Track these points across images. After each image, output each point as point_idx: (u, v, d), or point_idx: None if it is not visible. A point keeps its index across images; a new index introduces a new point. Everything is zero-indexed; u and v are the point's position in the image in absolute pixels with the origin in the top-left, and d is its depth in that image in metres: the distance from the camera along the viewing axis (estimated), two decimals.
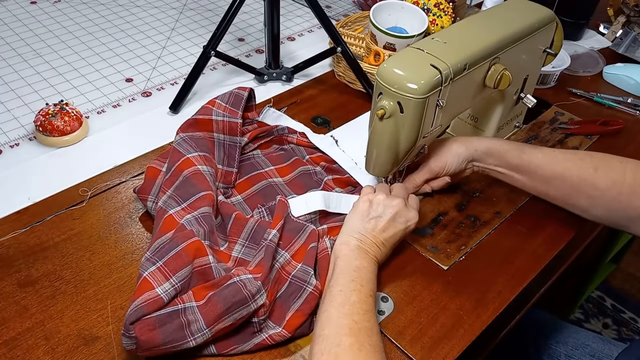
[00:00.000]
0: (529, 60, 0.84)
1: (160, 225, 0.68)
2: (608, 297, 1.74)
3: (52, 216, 0.77)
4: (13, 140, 0.91)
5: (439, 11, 1.06)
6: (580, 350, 0.92)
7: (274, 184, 0.81)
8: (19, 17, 1.23)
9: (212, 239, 0.69)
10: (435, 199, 0.83)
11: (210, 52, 0.96)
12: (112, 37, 1.19)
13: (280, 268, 0.66)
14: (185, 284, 0.61)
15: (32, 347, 0.62)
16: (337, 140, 0.88)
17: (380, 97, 0.69)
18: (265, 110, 0.92)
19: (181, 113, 0.99)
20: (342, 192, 0.81)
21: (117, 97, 1.02)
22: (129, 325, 0.56)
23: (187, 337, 0.58)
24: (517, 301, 0.66)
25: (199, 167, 0.74)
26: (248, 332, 0.62)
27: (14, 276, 0.69)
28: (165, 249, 0.63)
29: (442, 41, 0.71)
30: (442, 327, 0.66)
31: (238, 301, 0.59)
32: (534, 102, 0.86)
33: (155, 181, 0.76)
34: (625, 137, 0.98)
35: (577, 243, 0.82)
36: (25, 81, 1.04)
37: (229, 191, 0.80)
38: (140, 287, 0.60)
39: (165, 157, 0.79)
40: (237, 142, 0.81)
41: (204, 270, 0.63)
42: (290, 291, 0.65)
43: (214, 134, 0.80)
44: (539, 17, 0.80)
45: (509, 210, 0.82)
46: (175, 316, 0.58)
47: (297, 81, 1.07)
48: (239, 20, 1.28)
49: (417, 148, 0.73)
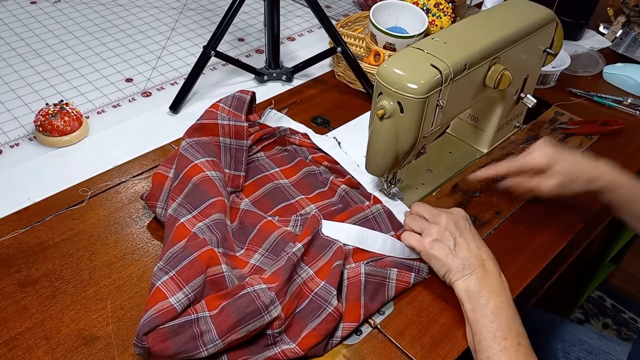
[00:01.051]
0: (529, 60, 0.84)
1: (172, 234, 0.67)
2: (608, 297, 1.74)
3: (52, 216, 0.77)
4: (13, 140, 0.91)
5: (438, 11, 1.06)
6: (577, 347, 0.92)
7: (280, 186, 0.81)
8: (19, 17, 1.23)
9: (226, 245, 0.69)
10: (436, 199, 0.83)
11: (210, 52, 0.96)
12: (112, 37, 1.19)
13: (302, 283, 0.65)
14: (198, 294, 0.61)
15: (32, 347, 0.62)
16: (340, 142, 0.88)
17: (380, 97, 0.69)
18: (266, 112, 0.92)
19: (181, 113, 0.99)
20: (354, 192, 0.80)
21: (117, 97, 1.02)
22: (142, 336, 0.56)
23: (199, 347, 0.58)
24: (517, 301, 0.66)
25: (207, 172, 0.74)
26: (261, 344, 0.61)
27: (14, 276, 0.69)
28: (178, 258, 0.63)
29: (442, 41, 0.71)
30: (442, 327, 0.66)
31: (251, 312, 0.59)
32: (534, 102, 0.86)
33: (163, 187, 0.76)
34: (625, 137, 0.98)
35: (577, 243, 0.82)
36: (25, 81, 1.04)
37: (237, 195, 0.79)
38: (154, 297, 0.59)
39: (171, 162, 0.79)
40: (244, 146, 0.81)
41: (217, 279, 0.63)
42: (310, 309, 0.64)
43: (220, 138, 0.80)
44: (539, 17, 0.80)
45: (509, 210, 0.82)
46: (188, 326, 0.58)
47: (297, 81, 1.07)
48: (239, 20, 1.28)
49: (417, 148, 0.73)
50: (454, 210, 0.72)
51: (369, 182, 0.82)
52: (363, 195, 0.80)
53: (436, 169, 0.88)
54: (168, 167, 0.78)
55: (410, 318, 0.67)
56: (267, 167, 0.84)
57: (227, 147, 0.80)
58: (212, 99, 0.96)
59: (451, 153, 0.92)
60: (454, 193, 0.84)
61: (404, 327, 0.66)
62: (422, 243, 0.69)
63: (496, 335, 0.60)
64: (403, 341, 0.65)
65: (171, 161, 0.79)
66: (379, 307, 0.67)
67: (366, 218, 0.75)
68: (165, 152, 0.89)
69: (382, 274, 0.68)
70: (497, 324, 0.61)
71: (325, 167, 0.84)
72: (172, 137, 0.91)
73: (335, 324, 0.63)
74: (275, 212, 0.77)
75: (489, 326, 0.61)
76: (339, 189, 0.79)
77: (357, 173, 0.83)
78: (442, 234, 0.68)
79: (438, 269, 0.68)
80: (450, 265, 0.66)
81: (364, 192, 0.81)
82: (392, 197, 0.81)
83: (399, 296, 0.69)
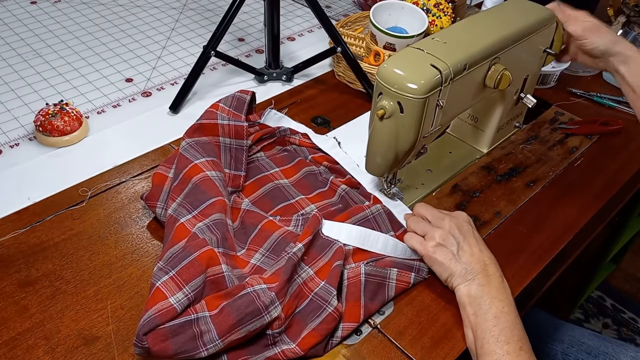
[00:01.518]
0: (529, 60, 0.84)
1: (172, 234, 0.68)
2: (608, 297, 1.74)
3: (52, 216, 0.77)
4: (13, 140, 0.91)
5: (438, 11, 1.06)
6: (576, 348, 0.92)
7: (280, 186, 0.81)
8: (19, 17, 1.23)
9: (226, 245, 0.69)
10: (436, 199, 0.83)
11: (210, 52, 0.96)
12: (112, 37, 1.19)
13: (302, 283, 0.65)
14: (198, 294, 0.61)
15: (32, 347, 0.62)
16: (340, 142, 0.88)
17: (380, 97, 0.69)
18: (266, 112, 0.92)
19: (181, 113, 0.99)
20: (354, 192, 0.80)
21: (117, 97, 1.02)
22: (142, 336, 0.56)
23: (199, 347, 0.58)
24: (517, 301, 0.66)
25: (207, 172, 0.74)
26: (261, 344, 0.61)
27: (14, 276, 0.69)
28: (178, 258, 0.63)
29: (442, 41, 0.71)
30: (442, 327, 0.66)
31: (251, 312, 0.59)
32: (534, 102, 0.86)
33: (163, 187, 0.76)
34: (625, 137, 0.98)
35: (577, 243, 0.82)
36: (25, 81, 1.04)
37: (238, 195, 0.79)
38: (153, 297, 0.59)
39: (171, 162, 0.79)
40: (244, 145, 0.81)
41: (217, 279, 0.63)
42: (310, 309, 0.64)
43: (220, 138, 0.80)
44: (539, 17, 0.80)
45: (509, 210, 0.82)
46: (187, 326, 0.58)
47: (297, 81, 1.07)
48: (239, 20, 1.28)
49: (417, 148, 0.73)
50: (457, 214, 0.72)
51: (369, 182, 0.82)
52: (363, 195, 0.80)
53: (436, 169, 0.88)
54: (168, 167, 0.78)
55: (410, 318, 0.67)
56: (267, 167, 0.84)
57: (227, 147, 0.80)
58: (212, 99, 0.96)
59: (451, 153, 0.92)
60: (454, 193, 0.84)
61: (404, 327, 0.66)
62: (425, 246, 0.69)
63: (499, 339, 0.60)
64: (403, 341, 0.65)
65: (171, 161, 0.79)
66: (379, 307, 0.67)
67: (366, 218, 0.75)
68: (165, 152, 0.89)
69: (382, 274, 0.68)
70: (500, 328, 0.61)
71: (325, 167, 0.84)
72: (172, 137, 0.91)
73: (335, 324, 0.63)
74: (275, 212, 0.77)
75: (491, 330, 0.61)
76: (339, 189, 0.79)
77: (357, 173, 0.83)
78: (445, 238, 0.68)
79: (440, 273, 0.68)
80: (453, 269, 0.66)
81: (363, 192, 0.81)
82: (392, 197, 0.81)
83: (399, 296, 0.69)
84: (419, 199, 0.83)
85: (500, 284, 0.65)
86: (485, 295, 0.63)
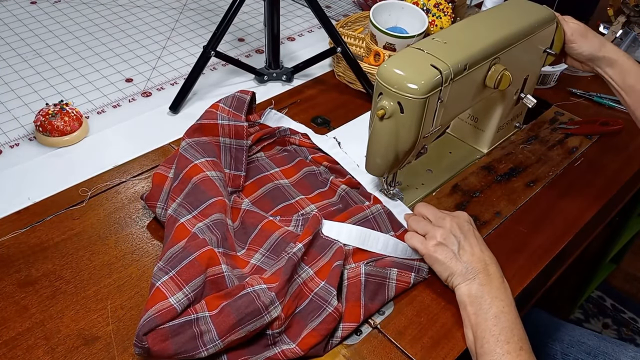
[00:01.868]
0: (529, 61, 0.84)
1: (171, 234, 0.68)
2: (608, 297, 1.74)
3: (52, 216, 0.77)
4: (13, 140, 0.91)
5: (438, 11, 1.06)
6: (576, 348, 0.92)
7: (280, 186, 0.81)
8: (19, 17, 1.23)
9: (226, 245, 0.69)
10: (436, 199, 0.83)
11: (210, 52, 0.96)
12: (112, 37, 1.19)
13: (302, 283, 0.65)
14: (198, 294, 0.61)
15: (32, 347, 0.62)
16: (340, 142, 0.88)
17: (380, 97, 0.69)
18: (266, 112, 0.92)
19: (181, 113, 0.99)
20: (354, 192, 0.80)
21: (117, 97, 1.02)
22: (142, 336, 0.56)
23: (199, 347, 0.58)
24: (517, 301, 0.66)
25: (207, 173, 0.74)
26: (261, 345, 0.61)
27: (14, 276, 0.69)
28: (178, 258, 0.63)
29: (442, 41, 0.71)
30: (442, 327, 0.66)
31: (251, 312, 0.59)
32: (534, 102, 0.86)
33: (163, 187, 0.76)
34: (625, 137, 0.98)
35: (577, 243, 0.82)
36: (25, 81, 1.04)
37: (238, 195, 0.79)
38: (153, 297, 0.59)
39: (171, 162, 0.79)
40: (244, 145, 0.81)
41: (216, 279, 0.63)
42: (310, 309, 0.64)
43: (220, 138, 0.80)
44: (539, 17, 0.80)
45: (509, 210, 0.82)
46: (187, 326, 0.58)
47: (297, 81, 1.07)
48: (239, 20, 1.28)
49: (417, 148, 0.73)
50: (458, 214, 0.72)
51: (369, 182, 0.82)
52: (363, 195, 0.80)
53: (436, 169, 0.88)
54: (168, 167, 0.78)
55: (410, 318, 0.67)
56: (267, 167, 0.84)
57: (227, 147, 0.80)
58: (212, 99, 0.96)
59: (451, 153, 0.92)
60: (454, 193, 0.84)
61: (404, 327, 0.66)
62: (425, 246, 0.69)
63: (499, 339, 0.60)
64: (403, 341, 0.65)
65: (171, 161, 0.79)
66: (379, 307, 0.67)
67: (366, 218, 0.75)
68: (165, 152, 0.89)
69: (382, 274, 0.68)
70: (500, 327, 0.61)
71: (325, 167, 0.84)
72: (172, 137, 0.91)
73: (335, 324, 0.63)
74: (275, 212, 0.77)
75: (492, 330, 0.61)
76: (339, 189, 0.79)
77: (357, 173, 0.83)
78: (446, 238, 0.68)
79: (441, 272, 0.68)
80: (454, 269, 0.66)
81: (363, 192, 0.81)
82: (392, 197, 0.81)
83: (399, 296, 0.69)
84: (419, 199, 0.83)
85: (501, 283, 0.65)
86: (485, 294, 0.64)
